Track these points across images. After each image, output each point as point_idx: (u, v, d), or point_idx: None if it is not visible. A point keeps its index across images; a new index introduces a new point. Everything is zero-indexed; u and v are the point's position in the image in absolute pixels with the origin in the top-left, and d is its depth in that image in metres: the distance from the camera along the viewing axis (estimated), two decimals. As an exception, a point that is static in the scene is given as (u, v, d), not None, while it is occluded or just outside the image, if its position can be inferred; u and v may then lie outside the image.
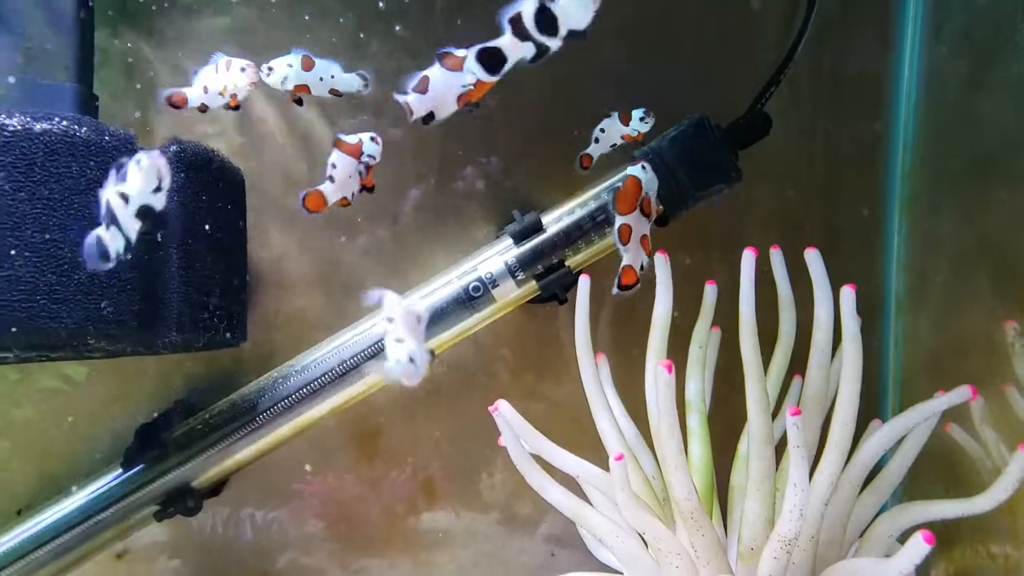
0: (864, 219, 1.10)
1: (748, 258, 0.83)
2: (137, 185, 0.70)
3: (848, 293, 0.81)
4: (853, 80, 1.10)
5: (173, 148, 0.86)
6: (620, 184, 0.81)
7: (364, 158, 0.81)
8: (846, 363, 0.80)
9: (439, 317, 0.99)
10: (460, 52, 0.73)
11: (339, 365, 0.99)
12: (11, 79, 0.86)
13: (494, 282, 0.99)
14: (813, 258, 0.85)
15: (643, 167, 0.81)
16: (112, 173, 0.70)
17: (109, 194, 0.70)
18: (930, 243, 1.04)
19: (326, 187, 0.80)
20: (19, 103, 0.86)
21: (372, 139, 0.81)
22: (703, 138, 0.98)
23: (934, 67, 1.03)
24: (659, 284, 0.90)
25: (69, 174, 0.79)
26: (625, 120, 0.94)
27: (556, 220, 1.01)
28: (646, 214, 0.80)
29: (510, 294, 1.00)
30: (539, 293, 1.01)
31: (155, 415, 1.01)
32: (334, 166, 0.80)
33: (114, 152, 0.82)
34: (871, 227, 1.10)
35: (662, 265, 0.89)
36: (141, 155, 0.70)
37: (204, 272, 0.89)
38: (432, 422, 1.10)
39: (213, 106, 0.82)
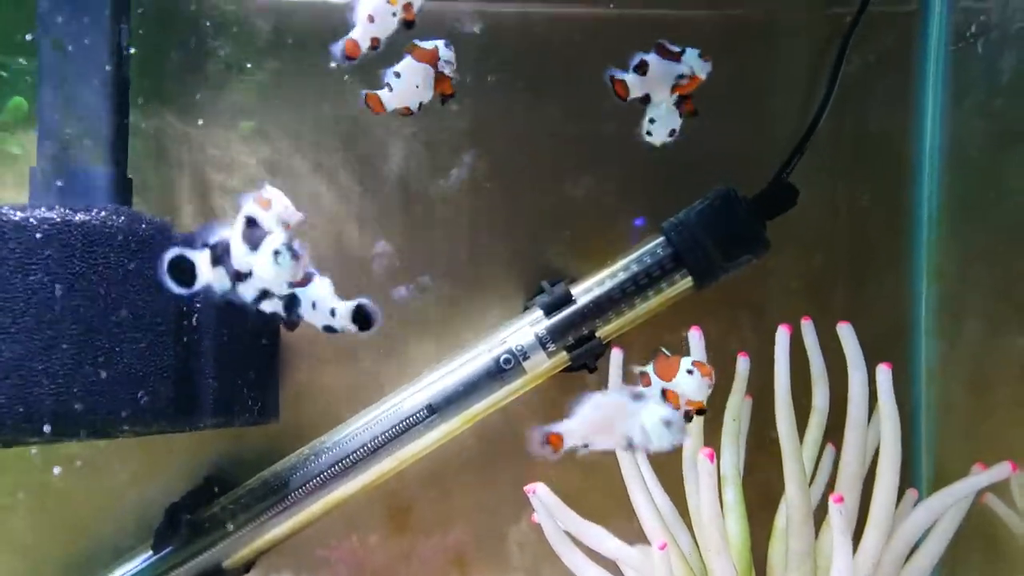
0: (893, 286, 1.11)
1: (783, 335, 0.84)
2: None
3: (884, 372, 0.81)
4: (877, 149, 1.11)
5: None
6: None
7: (441, 65, 0.77)
8: (884, 444, 0.80)
9: (470, 390, 0.99)
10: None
11: (371, 441, 0.98)
12: (47, 166, 0.88)
13: (525, 354, 1.00)
14: (846, 332, 0.86)
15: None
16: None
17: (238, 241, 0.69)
18: (960, 311, 1.04)
19: (384, 93, 0.76)
20: (56, 191, 0.88)
21: (446, 45, 0.77)
22: (730, 210, 0.98)
23: (956, 138, 1.04)
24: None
25: (107, 264, 0.80)
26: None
27: (586, 291, 1.01)
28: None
29: (541, 366, 1.00)
30: (569, 363, 1.01)
31: (184, 494, 1.01)
32: (397, 75, 0.75)
33: (150, 241, 0.82)
34: (900, 294, 1.10)
35: (696, 343, 0.90)
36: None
37: (240, 354, 0.90)
38: (464, 494, 1.10)
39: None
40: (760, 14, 1.10)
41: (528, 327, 1.01)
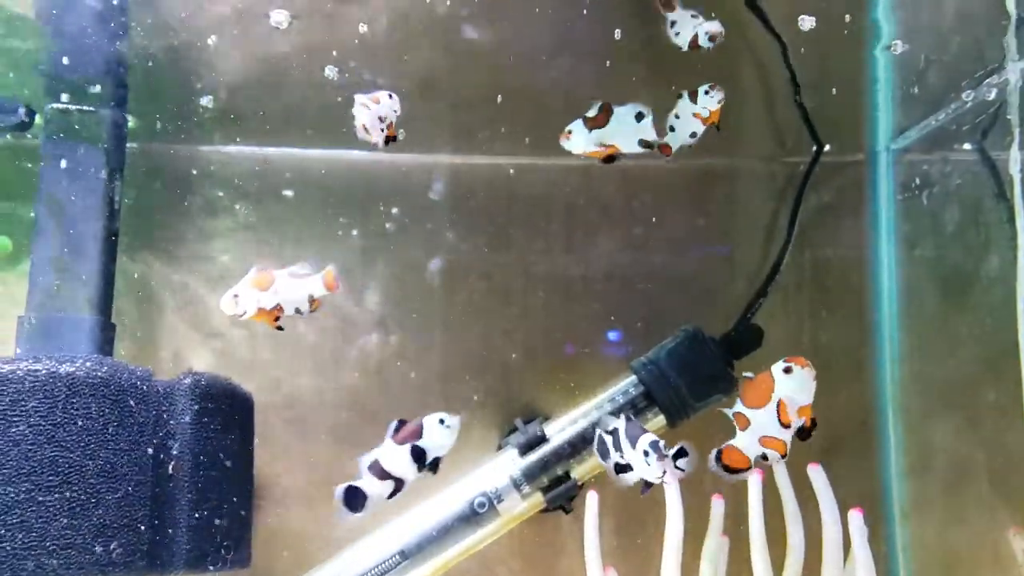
0: (859, 423, 1.13)
1: (755, 482, 0.85)
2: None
3: (856, 518, 0.82)
4: (836, 290, 1.16)
5: (187, 381, 0.89)
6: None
7: (387, 113, 0.82)
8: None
9: (444, 534, 0.99)
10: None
11: (344, 588, 0.97)
12: (33, 318, 0.91)
13: (499, 497, 1.00)
14: (817, 475, 0.87)
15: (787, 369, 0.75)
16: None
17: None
18: (927, 450, 1.06)
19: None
20: (42, 339, 0.90)
21: (390, 95, 0.83)
22: (698, 350, 1.02)
23: (911, 284, 1.10)
24: (669, 507, 0.90)
25: (88, 415, 0.81)
26: (693, 98, 0.87)
27: (559, 430, 1.02)
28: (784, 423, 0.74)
29: (515, 508, 1.00)
30: (544, 506, 1.01)
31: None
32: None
33: (132, 390, 0.84)
34: (868, 433, 1.13)
35: (672, 487, 0.90)
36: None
37: (214, 502, 0.89)
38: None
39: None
40: (721, 162, 1.18)
41: (502, 468, 1.01)
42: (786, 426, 0.75)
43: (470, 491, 1.00)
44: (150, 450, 0.84)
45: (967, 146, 1.00)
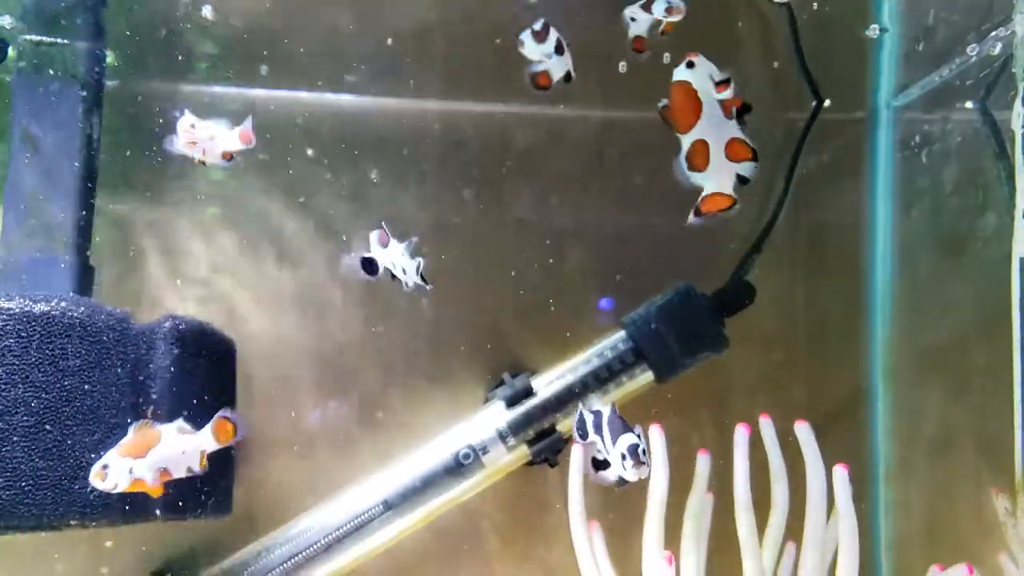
0: (849, 384, 1.13)
1: (741, 436, 0.85)
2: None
3: (841, 474, 0.82)
4: (831, 250, 1.15)
5: (167, 324, 0.87)
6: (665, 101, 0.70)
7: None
8: (842, 546, 0.80)
9: (428, 485, 0.98)
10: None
11: (325, 537, 0.96)
12: (7, 258, 0.88)
13: (484, 449, 0.99)
14: (804, 432, 0.86)
15: (689, 63, 0.69)
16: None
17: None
18: (914, 412, 1.06)
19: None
20: (18, 279, 0.88)
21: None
22: (690, 307, 1.01)
23: (906, 244, 1.09)
24: (654, 462, 0.89)
25: (64, 356, 0.79)
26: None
27: (547, 384, 1.01)
28: (726, 111, 0.68)
29: (500, 460, 1.00)
30: (530, 458, 1.01)
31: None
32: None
33: (110, 332, 0.82)
34: (856, 392, 1.12)
35: (657, 441, 0.90)
36: None
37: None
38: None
39: None
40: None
41: (488, 420, 1.00)
42: (728, 113, 0.69)
43: (455, 443, 0.99)
44: (128, 393, 0.82)
45: (969, 104, 0.98)
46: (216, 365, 0.94)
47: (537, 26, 0.79)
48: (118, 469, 0.72)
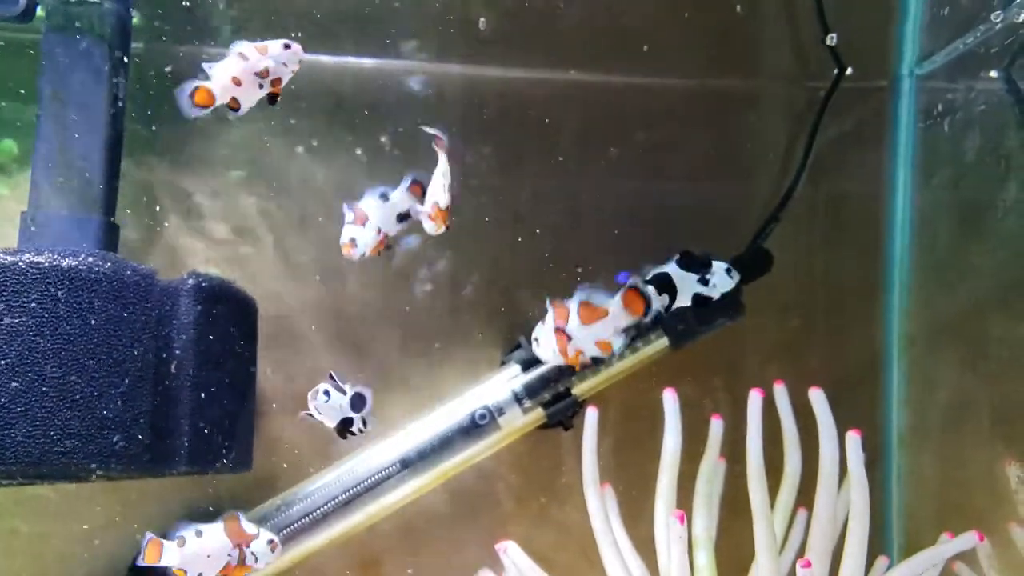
0: (865, 353, 1.13)
1: (755, 401, 0.85)
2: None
3: (853, 439, 0.82)
4: (850, 218, 1.15)
5: (191, 281, 0.89)
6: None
7: (276, 68, 0.75)
8: (853, 512, 0.81)
9: (444, 445, 1.00)
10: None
11: (342, 493, 0.98)
12: (35, 215, 0.90)
13: (500, 410, 1.00)
14: (818, 399, 0.87)
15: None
16: None
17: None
18: (929, 381, 1.06)
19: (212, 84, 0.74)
20: (46, 236, 0.89)
21: (285, 46, 0.75)
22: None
23: (925, 213, 1.08)
24: (668, 423, 0.91)
25: (90, 310, 0.80)
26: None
27: (563, 349, 1.02)
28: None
29: (516, 422, 1.01)
30: (544, 420, 1.02)
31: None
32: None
33: (135, 287, 0.84)
34: (872, 361, 1.13)
35: (671, 404, 0.91)
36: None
37: (216, 402, 0.90)
38: (435, 551, 1.09)
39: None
40: (741, 85, 1.15)
41: (504, 383, 1.02)
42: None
43: (472, 404, 1.01)
44: (152, 348, 0.84)
45: (993, 73, 0.97)
46: (238, 323, 0.95)
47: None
48: None
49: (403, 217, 0.85)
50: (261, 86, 0.75)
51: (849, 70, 1.08)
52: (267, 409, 1.07)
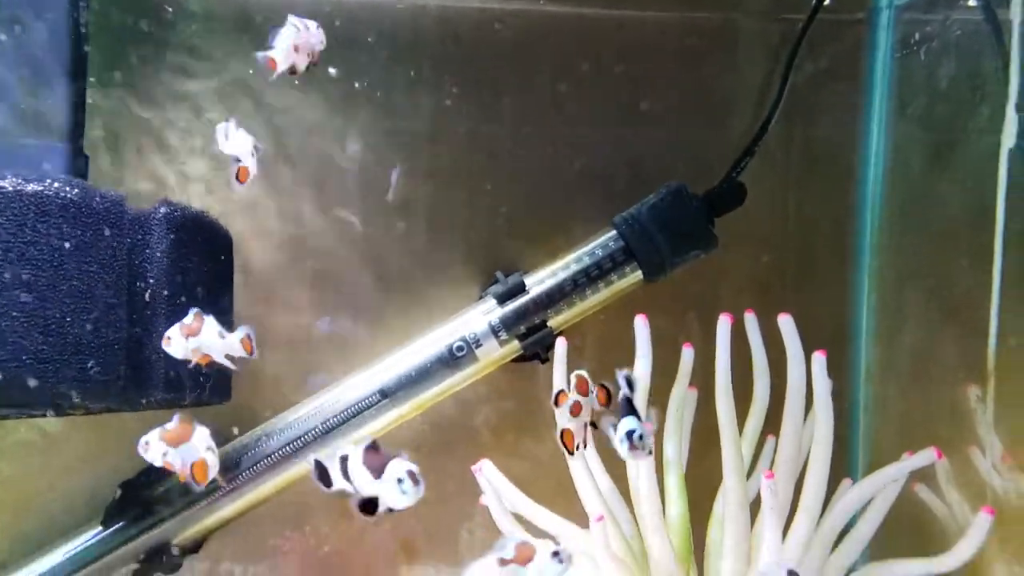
0: (836, 287, 1.15)
1: (723, 324, 0.87)
2: None
3: (819, 359, 0.84)
4: (825, 154, 1.15)
5: (163, 210, 0.88)
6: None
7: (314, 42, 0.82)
8: (817, 429, 0.83)
9: (423, 376, 1.01)
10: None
11: (323, 423, 1.00)
12: (2, 141, 0.88)
13: (478, 342, 1.01)
14: (786, 324, 0.88)
15: None
16: None
17: None
18: (898, 312, 1.08)
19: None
20: (10, 164, 0.88)
21: (318, 27, 0.82)
22: (681, 206, 1.02)
23: (899, 144, 1.09)
24: (638, 349, 0.92)
25: (59, 236, 0.80)
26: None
27: (539, 282, 1.03)
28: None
29: (493, 354, 1.02)
30: (521, 353, 1.03)
31: (138, 472, 1.01)
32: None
33: (104, 213, 0.83)
34: (843, 295, 1.14)
35: (641, 329, 0.92)
36: None
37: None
38: (413, 479, 1.11)
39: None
40: (717, 18, 1.14)
41: (481, 315, 1.03)
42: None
43: (450, 336, 1.02)
44: (125, 276, 0.84)
45: (971, 2, 0.97)
46: (213, 254, 0.95)
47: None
48: (155, 450, 0.76)
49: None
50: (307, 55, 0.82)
51: (827, 0, 1.07)
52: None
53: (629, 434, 0.71)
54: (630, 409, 0.73)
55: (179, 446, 0.77)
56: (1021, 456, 0.84)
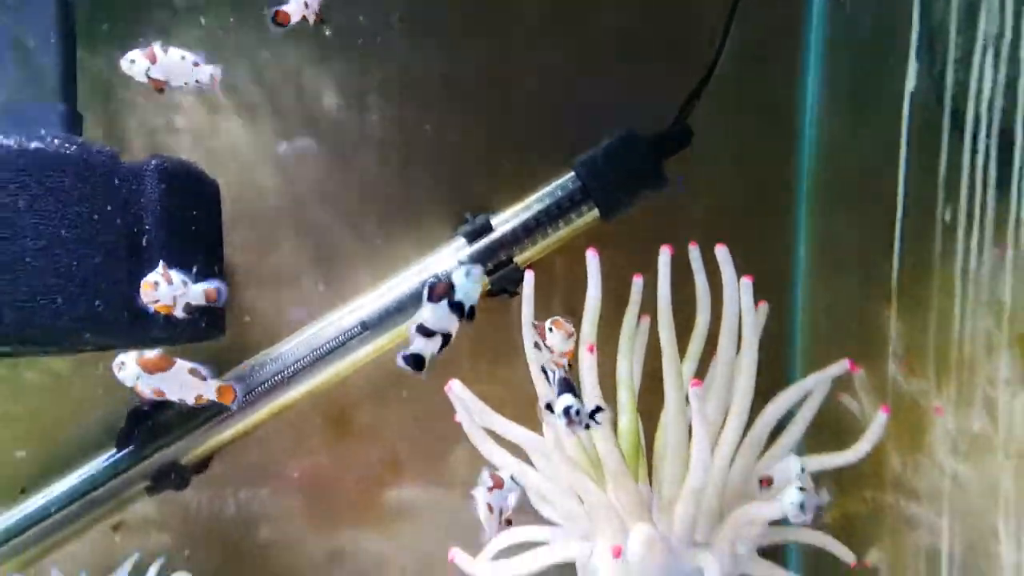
0: (777, 217, 1.25)
1: (664, 255, 0.97)
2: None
3: (746, 283, 0.95)
4: (767, 96, 1.24)
5: (154, 162, 0.96)
6: None
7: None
8: (745, 338, 0.94)
9: (400, 309, 1.11)
10: None
11: (311, 353, 1.10)
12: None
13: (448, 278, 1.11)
14: (722, 254, 0.98)
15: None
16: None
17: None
18: (828, 237, 1.18)
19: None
20: (9, 125, 0.95)
21: None
22: (631, 149, 1.10)
23: (832, 90, 1.17)
24: (590, 277, 1.01)
25: (61, 188, 0.88)
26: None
27: (504, 221, 1.12)
28: None
29: (463, 288, 1.12)
30: (490, 288, 1.13)
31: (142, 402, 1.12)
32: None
33: (101, 167, 0.91)
34: (783, 232, 1.25)
35: (592, 261, 1.01)
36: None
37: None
38: (398, 404, 1.22)
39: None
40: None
41: (452, 253, 1.12)
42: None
43: (423, 273, 1.11)
44: (123, 224, 0.92)
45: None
46: (202, 202, 1.03)
47: None
48: (129, 372, 0.84)
49: None
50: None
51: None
52: (237, 283, 1.17)
53: (566, 410, 0.81)
54: (568, 387, 0.83)
55: (154, 374, 0.85)
56: (914, 362, 0.95)
